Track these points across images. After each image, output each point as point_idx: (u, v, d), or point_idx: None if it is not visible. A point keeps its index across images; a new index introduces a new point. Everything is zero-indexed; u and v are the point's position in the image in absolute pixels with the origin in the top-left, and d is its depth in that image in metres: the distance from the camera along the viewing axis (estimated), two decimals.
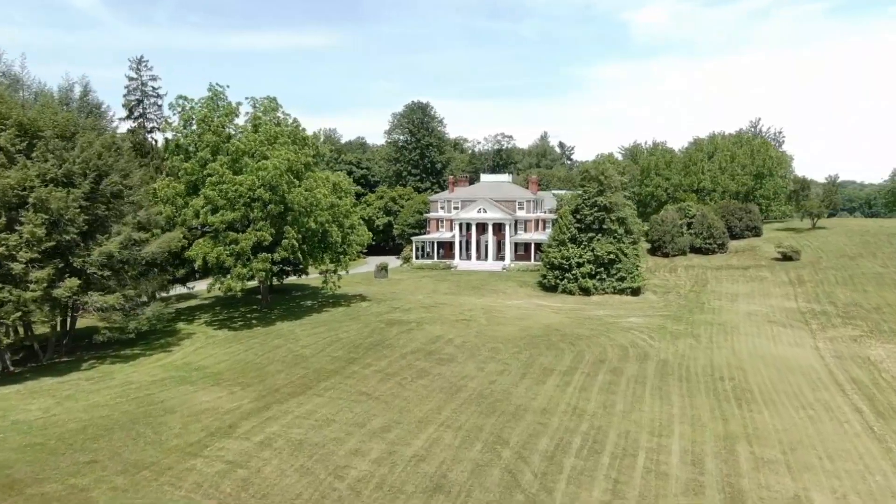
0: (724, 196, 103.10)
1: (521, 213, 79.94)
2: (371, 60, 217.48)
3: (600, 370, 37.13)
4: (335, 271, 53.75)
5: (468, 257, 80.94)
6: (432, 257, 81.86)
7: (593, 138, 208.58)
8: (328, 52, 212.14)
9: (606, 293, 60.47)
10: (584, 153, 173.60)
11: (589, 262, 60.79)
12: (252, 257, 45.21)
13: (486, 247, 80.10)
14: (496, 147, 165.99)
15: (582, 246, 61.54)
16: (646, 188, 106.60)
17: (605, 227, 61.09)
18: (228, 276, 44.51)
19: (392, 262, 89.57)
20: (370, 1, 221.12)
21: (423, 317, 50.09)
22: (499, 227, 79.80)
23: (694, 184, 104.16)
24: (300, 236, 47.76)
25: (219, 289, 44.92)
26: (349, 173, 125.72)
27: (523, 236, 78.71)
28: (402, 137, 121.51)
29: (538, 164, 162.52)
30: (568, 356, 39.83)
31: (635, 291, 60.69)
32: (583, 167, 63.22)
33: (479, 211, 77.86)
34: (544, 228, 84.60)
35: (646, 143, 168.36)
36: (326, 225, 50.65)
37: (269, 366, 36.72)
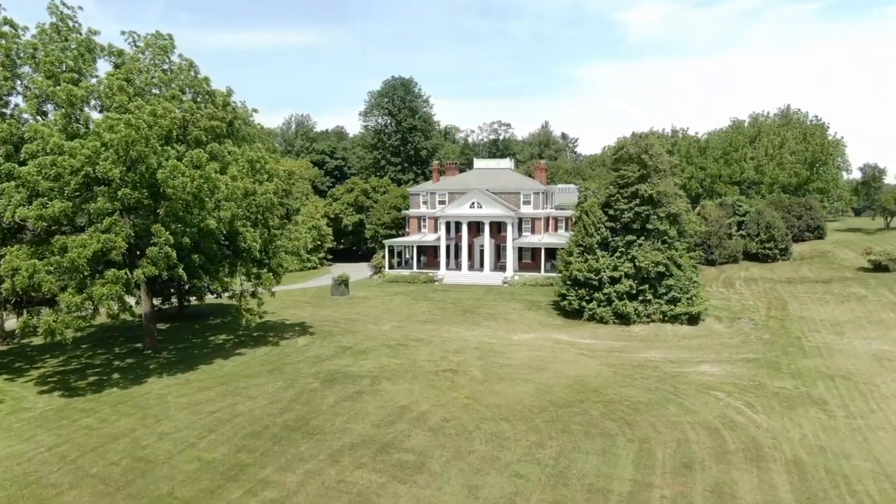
0: (772, 189, 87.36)
1: (526, 209, 63.62)
2: (361, 59, 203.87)
3: (693, 489, 20.76)
4: (253, 293, 37.21)
5: (457, 266, 64.58)
6: (411, 266, 65.42)
7: (590, 137, 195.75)
8: (318, 50, 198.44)
9: (653, 321, 44.20)
10: (583, 150, 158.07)
11: (628, 276, 44.52)
12: (98, 275, 28.55)
13: (482, 253, 63.79)
14: (492, 137, 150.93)
15: (617, 254, 45.23)
16: None
17: (649, 226, 44.84)
18: (52, 312, 27.86)
19: (362, 271, 73.11)
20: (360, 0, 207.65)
21: (385, 366, 33.64)
22: (498, 228, 63.48)
23: (735, 174, 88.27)
24: (188, 240, 31.13)
25: (39, 333, 28.12)
26: (321, 164, 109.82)
27: (530, 239, 62.43)
28: (380, 120, 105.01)
29: (540, 155, 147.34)
30: (626, 453, 23.45)
31: (693, 318, 44.47)
32: (618, 144, 47.02)
33: (472, 206, 61.51)
34: (556, 228, 68.43)
35: (663, 129, 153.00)
36: (237, 223, 34.18)
37: (61, 496, 20.05)
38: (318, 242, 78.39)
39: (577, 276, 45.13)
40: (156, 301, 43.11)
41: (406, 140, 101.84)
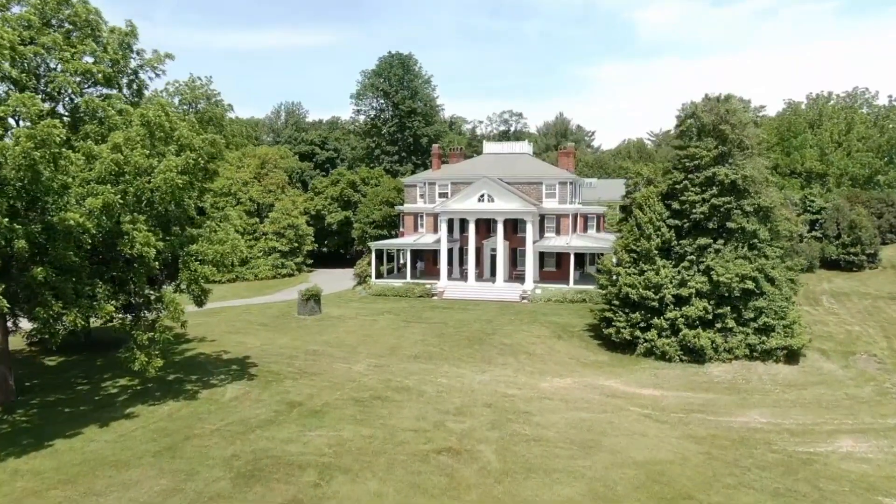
0: (840, 182, 75.22)
1: (550, 204, 51.86)
2: (371, 59, 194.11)
3: None
4: (151, 325, 25.63)
5: (462, 276, 52.93)
6: (404, 275, 53.77)
7: (601, 138, 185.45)
8: (328, 51, 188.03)
9: (736, 357, 32.36)
10: (598, 146, 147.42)
11: (700, 294, 32.76)
12: None
13: (493, 259, 52.15)
14: (503, 128, 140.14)
15: (685, 263, 33.46)
16: None
17: (730, 225, 33.08)
18: None
19: (348, 280, 61.58)
20: (370, 0, 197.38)
21: (346, 441, 21.99)
22: (514, 227, 51.83)
23: (795, 163, 76.13)
24: (24, 244, 19.61)
25: None
26: (310, 156, 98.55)
27: (555, 242, 50.70)
28: (374, 103, 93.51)
29: (557, 147, 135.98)
30: None
31: (792, 354, 32.62)
32: (683, 111, 35.21)
33: (481, 199, 49.85)
34: (584, 228, 56.69)
35: None
36: (124, 218, 22.70)
37: None
38: (296, 245, 66.94)
39: (629, 295, 33.31)
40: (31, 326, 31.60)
41: (404, 126, 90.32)
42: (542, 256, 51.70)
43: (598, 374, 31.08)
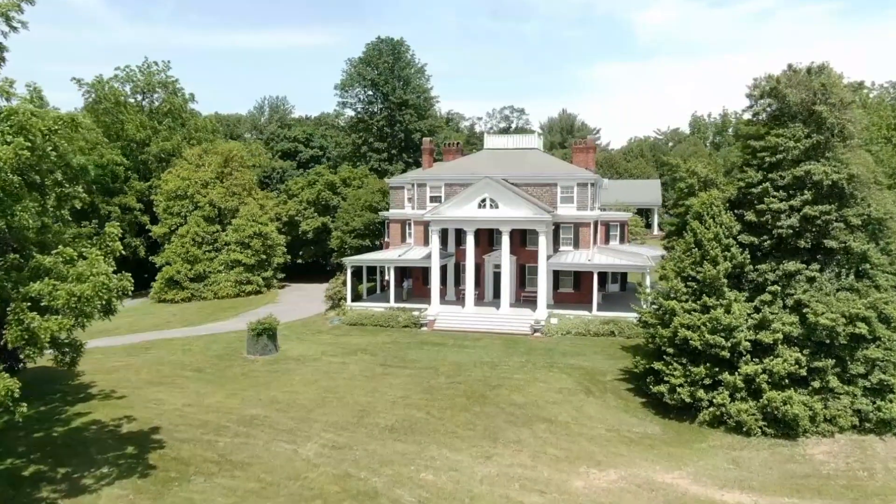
0: (893, 184, 66.41)
1: (566, 210, 42.84)
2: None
3: None
4: None
5: (459, 299, 43.87)
6: (387, 297, 44.64)
7: (606, 138, 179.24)
8: (326, 51, 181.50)
9: (840, 430, 23.41)
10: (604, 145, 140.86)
11: (788, 341, 23.82)
12: None
13: (497, 278, 43.15)
14: (503, 125, 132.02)
15: (765, 296, 24.51)
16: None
17: (829, 244, 24.18)
18: None
19: (321, 300, 52.26)
20: (371, 1, 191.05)
21: None
22: (522, 238, 42.82)
23: None
24: None
25: None
26: (294, 154, 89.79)
27: (574, 257, 41.70)
28: (361, 94, 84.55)
29: (563, 145, 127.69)
30: None
31: None
32: (757, 88, 26.18)
33: (482, 204, 40.81)
34: (607, 239, 47.75)
35: (710, 116, 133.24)
36: None
37: None
38: (264, 257, 57.88)
39: (690, 341, 24.31)
40: None
41: (394, 119, 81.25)
42: (559, 276, 42.68)
43: (653, 458, 22.03)
